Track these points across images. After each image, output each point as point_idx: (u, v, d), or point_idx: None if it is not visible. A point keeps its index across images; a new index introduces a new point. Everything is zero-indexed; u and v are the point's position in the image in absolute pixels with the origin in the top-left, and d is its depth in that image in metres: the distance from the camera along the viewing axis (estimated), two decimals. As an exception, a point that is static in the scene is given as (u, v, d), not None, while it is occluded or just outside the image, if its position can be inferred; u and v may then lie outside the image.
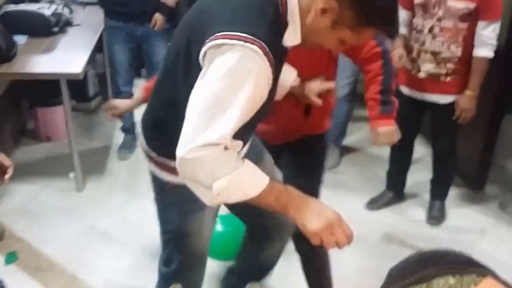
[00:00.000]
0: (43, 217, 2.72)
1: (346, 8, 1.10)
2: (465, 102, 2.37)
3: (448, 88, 2.39)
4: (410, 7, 2.39)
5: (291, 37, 1.19)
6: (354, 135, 3.47)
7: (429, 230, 2.70)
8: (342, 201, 2.89)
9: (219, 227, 2.30)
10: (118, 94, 3.14)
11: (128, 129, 3.32)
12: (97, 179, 3.03)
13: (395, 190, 2.86)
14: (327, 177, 3.08)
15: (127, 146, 3.29)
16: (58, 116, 3.27)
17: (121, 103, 2.02)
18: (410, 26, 2.42)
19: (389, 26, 1.17)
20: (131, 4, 2.89)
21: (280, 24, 1.17)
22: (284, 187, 1.19)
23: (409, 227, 2.69)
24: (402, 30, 2.44)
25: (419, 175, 2.98)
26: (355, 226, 1.14)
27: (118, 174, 3.11)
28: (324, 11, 1.12)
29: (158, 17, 3.00)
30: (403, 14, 2.42)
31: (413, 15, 2.39)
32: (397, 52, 2.34)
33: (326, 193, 2.93)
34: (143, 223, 2.72)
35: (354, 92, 3.04)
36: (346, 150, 3.35)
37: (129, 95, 3.19)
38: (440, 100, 2.43)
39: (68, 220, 2.71)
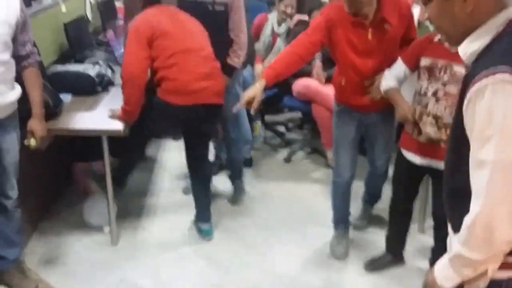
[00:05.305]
0: (77, 269, 2.79)
1: None
2: None
3: None
4: (412, 66, 2.42)
5: None
6: (385, 195, 3.47)
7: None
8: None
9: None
10: None
11: None
12: (131, 233, 3.10)
13: (394, 253, 2.83)
14: (357, 236, 3.13)
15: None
16: (96, 171, 3.38)
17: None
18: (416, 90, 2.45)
19: None
20: None
21: None
22: None
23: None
24: (393, 83, 2.47)
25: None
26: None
27: (151, 229, 3.18)
28: None
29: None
30: (402, 69, 2.45)
31: (418, 77, 2.42)
32: (408, 108, 2.38)
33: (355, 252, 2.97)
34: (174, 277, 2.76)
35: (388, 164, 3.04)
36: (376, 211, 3.35)
37: None
38: (440, 166, 2.32)
39: (101, 272, 2.76)
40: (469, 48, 1.22)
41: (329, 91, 3.77)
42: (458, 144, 1.24)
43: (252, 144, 4.00)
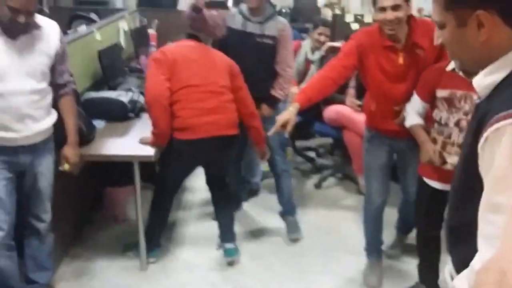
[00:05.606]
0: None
1: None
2: None
3: None
4: (429, 100, 2.39)
5: None
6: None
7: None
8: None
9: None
10: None
11: None
12: (160, 259, 3.09)
13: (427, 284, 2.72)
14: (390, 265, 3.04)
15: None
16: (126, 196, 3.41)
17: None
18: (431, 118, 2.40)
19: None
20: None
21: None
22: None
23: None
24: (416, 118, 2.45)
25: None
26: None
27: (180, 255, 3.17)
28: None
29: (264, 108, 3.15)
30: (419, 104, 2.43)
31: (433, 108, 2.38)
32: (434, 150, 2.34)
33: (388, 282, 2.88)
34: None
35: None
36: (409, 240, 3.26)
37: None
38: None
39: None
40: (482, 81, 1.17)
41: (360, 117, 3.74)
42: (469, 178, 1.17)
43: None
